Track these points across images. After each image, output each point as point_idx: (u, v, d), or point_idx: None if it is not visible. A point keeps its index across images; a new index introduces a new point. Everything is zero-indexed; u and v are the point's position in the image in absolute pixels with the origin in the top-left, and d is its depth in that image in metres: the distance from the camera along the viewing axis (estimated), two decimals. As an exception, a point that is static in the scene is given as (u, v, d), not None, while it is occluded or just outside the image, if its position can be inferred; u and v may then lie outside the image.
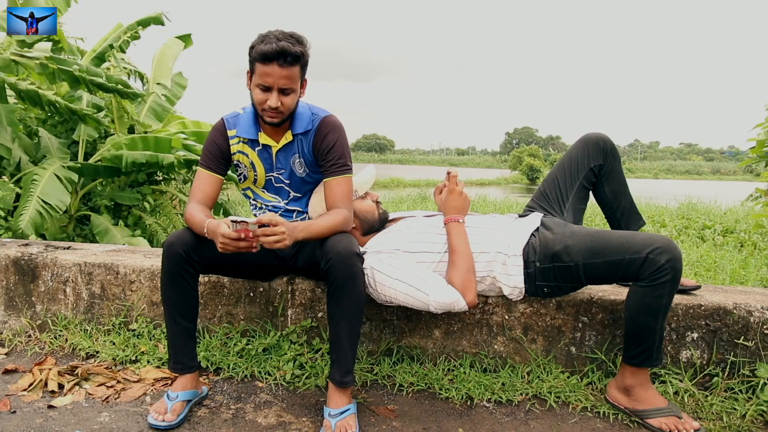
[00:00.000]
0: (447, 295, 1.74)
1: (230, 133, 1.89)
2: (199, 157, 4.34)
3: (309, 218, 1.96)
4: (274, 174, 1.93)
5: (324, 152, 1.84)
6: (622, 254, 1.65)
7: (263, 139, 1.87)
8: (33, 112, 4.82)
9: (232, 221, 1.53)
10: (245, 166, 1.93)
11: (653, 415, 1.67)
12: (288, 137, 1.86)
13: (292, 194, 1.96)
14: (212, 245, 1.66)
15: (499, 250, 1.86)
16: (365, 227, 2.01)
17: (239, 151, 1.90)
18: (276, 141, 1.87)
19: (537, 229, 1.90)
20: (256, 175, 1.93)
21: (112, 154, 4.28)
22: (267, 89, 1.70)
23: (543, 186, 2.14)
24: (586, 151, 2.05)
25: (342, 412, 1.65)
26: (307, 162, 1.90)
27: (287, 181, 1.93)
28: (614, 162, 2.06)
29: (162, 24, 5.28)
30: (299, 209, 1.98)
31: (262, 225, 1.56)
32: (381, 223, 2.04)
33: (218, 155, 1.89)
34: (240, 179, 1.99)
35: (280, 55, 1.63)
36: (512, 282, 1.85)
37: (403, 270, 1.80)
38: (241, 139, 1.89)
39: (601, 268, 1.71)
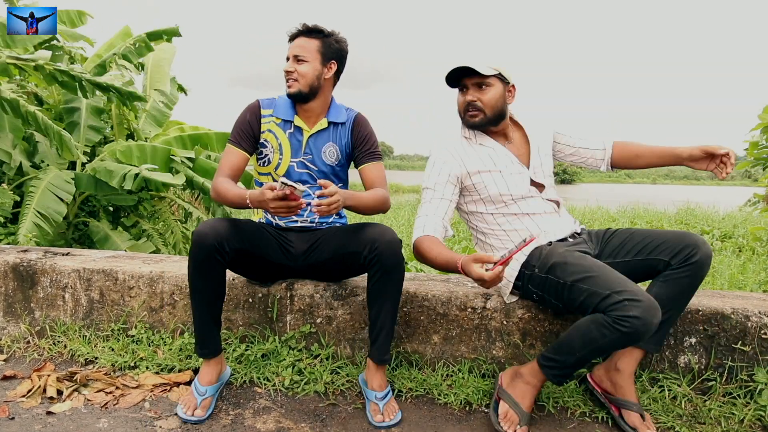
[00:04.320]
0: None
1: (264, 111, 1.98)
2: (186, 180, 4.36)
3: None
4: (300, 158, 1.98)
5: (361, 141, 2.02)
6: (610, 289, 1.54)
7: (297, 121, 1.98)
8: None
9: (282, 183, 1.57)
10: (272, 148, 1.98)
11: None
12: (323, 123, 1.99)
13: (316, 182, 1.99)
14: (243, 237, 1.78)
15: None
16: None
17: (269, 130, 1.97)
18: (309, 126, 1.98)
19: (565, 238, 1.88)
20: (281, 159, 1.98)
21: (102, 166, 4.28)
22: (288, 59, 1.93)
23: (609, 233, 1.91)
24: (672, 241, 1.73)
25: (386, 395, 1.78)
26: (341, 151, 2.02)
27: (315, 168, 2.00)
28: (690, 272, 1.69)
29: (179, 35, 5.34)
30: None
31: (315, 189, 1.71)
32: None
33: (249, 132, 1.96)
34: (263, 163, 2.02)
35: (299, 31, 1.93)
36: (508, 271, 1.84)
37: None
38: (274, 119, 1.97)
39: (584, 294, 1.61)
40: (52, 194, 3.81)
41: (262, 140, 1.98)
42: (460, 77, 1.86)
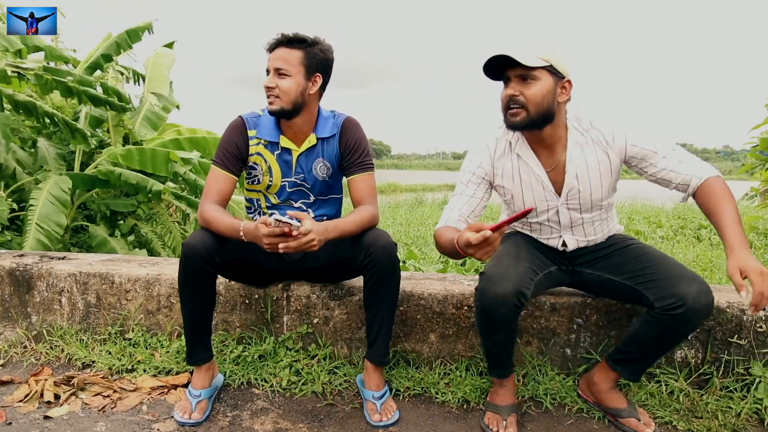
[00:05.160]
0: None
1: (250, 133, 1.88)
2: (189, 184, 4.39)
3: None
4: (292, 178, 1.91)
5: (350, 150, 1.89)
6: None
7: (284, 142, 1.87)
8: (30, 122, 4.83)
9: (276, 220, 1.53)
10: (261, 170, 1.90)
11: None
12: (312, 140, 1.88)
13: (313, 198, 1.94)
14: (233, 248, 1.77)
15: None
16: None
17: (257, 153, 1.88)
18: (297, 145, 1.88)
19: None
20: (271, 180, 1.91)
21: (106, 168, 4.29)
22: (269, 72, 1.79)
23: (624, 244, 1.80)
24: (666, 283, 1.57)
25: (383, 395, 1.79)
26: (331, 164, 1.92)
27: (309, 186, 1.92)
28: (670, 322, 1.55)
29: (151, 32, 5.28)
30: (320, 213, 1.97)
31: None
32: None
33: (236, 154, 1.86)
34: (252, 182, 1.95)
35: (279, 41, 1.77)
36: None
37: None
38: (261, 141, 1.88)
39: None
40: (51, 205, 3.82)
41: (251, 163, 1.89)
42: (503, 68, 1.60)
